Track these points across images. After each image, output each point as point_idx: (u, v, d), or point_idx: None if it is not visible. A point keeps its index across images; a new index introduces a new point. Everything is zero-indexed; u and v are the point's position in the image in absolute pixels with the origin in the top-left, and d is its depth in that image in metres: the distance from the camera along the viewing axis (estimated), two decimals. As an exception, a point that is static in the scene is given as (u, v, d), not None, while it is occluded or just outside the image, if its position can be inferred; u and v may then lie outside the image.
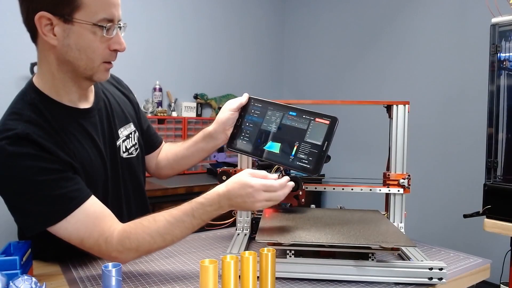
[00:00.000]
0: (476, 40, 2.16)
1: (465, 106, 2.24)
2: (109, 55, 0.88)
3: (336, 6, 3.03)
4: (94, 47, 0.85)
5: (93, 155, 0.94)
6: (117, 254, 0.85)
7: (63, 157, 0.85)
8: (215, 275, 0.64)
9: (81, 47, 0.84)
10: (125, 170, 1.06)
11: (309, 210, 1.13)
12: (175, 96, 2.88)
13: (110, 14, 0.84)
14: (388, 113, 1.14)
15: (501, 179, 1.08)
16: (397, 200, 1.12)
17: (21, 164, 0.80)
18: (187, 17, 2.94)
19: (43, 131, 0.84)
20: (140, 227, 0.85)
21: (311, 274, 0.85)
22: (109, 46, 0.87)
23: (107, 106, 1.04)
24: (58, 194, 0.82)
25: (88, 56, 0.85)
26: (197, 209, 0.85)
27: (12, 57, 2.22)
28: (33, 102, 0.88)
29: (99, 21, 0.83)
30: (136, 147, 1.11)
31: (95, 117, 0.98)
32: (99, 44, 0.85)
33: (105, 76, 0.91)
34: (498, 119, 1.09)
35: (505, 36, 1.08)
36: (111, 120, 1.03)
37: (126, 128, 1.08)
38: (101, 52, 0.86)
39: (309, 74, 3.28)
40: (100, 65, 0.88)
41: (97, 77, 0.90)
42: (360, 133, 2.83)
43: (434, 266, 0.84)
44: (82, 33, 0.83)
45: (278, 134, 0.96)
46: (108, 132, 1.01)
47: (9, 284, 0.67)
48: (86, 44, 0.84)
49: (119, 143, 1.04)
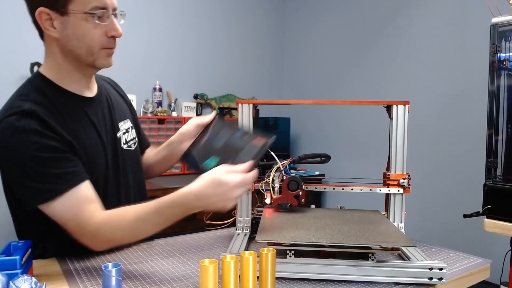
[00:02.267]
0: (476, 40, 2.16)
1: (465, 106, 2.24)
2: (107, 42, 0.92)
3: (336, 6, 3.03)
4: (91, 35, 0.89)
5: (94, 141, 0.97)
6: (91, 243, 0.90)
7: (66, 137, 0.89)
8: (215, 275, 0.64)
9: (79, 36, 0.89)
10: (125, 161, 1.08)
11: (309, 210, 1.13)
12: (175, 96, 2.88)
13: (101, 2, 0.88)
14: (388, 113, 1.14)
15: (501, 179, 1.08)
16: (397, 200, 1.12)
17: (25, 139, 0.84)
18: (187, 17, 2.94)
19: (48, 111, 0.88)
20: (113, 221, 0.88)
21: (311, 274, 0.85)
22: (106, 33, 0.91)
23: (108, 99, 1.07)
24: (54, 173, 0.85)
25: (87, 44, 0.90)
26: (166, 209, 0.85)
27: (12, 57, 2.22)
28: (40, 87, 0.92)
29: (91, 9, 0.87)
30: (135, 141, 1.14)
31: (97, 106, 1.02)
32: (95, 31, 0.89)
33: (107, 61, 0.95)
34: (498, 119, 1.09)
35: (505, 36, 1.08)
36: (111, 112, 1.06)
37: (125, 122, 1.11)
38: (98, 39, 0.91)
39: (309, 74, 3.28)
40: (100, 51, 0.92)
41: (99, 63, 0.94)
42: (360, 133, 2.83)
43: (434, 266, 0.84)
44: (78, 23, 0.88)
45: (219, 151, 0.97)
46: (109, 122, 1.04)
47: (9, 284, 0.67)
48: (83, 32, 0.89)
49: (119, 134, 1.07)
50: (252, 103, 1.13)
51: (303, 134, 3.35)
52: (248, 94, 3.30)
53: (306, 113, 3.29)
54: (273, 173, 1.07)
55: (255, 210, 1.17)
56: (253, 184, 1.11)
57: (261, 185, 1.09)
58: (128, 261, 0.98)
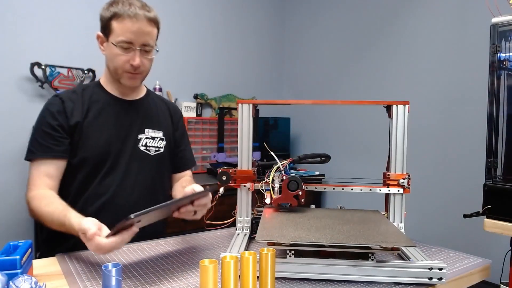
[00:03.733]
0: (476, 40, 2.16)
1: (465, 106, 2.24)
2: (129, 68, 1.19)
3: (336, 6, 3.03)
4: (116, 60, 1.19)
5: (102, 125, 1.22)
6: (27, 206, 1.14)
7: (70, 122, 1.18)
8: (215, 275, 0.64)
9: (110, 58, 1.21)
10: (138, 162, 1.26)
11: (309, 210, 1.13)
12: (175, 96, 2.88)
13: (128, 38, 1.15)
14: (388, 113, 1.14)
15: (501, 179, 1.08)
16: (397, 200, 1.12)
17: (43, 114, 1.20)
18: (187, 17, 2.94)
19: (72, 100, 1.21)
20: (38, 202, 1.09)
21: (311, 274, 0.86)
22: (128, 61, 1.18)
23: (146, 109, 1.32)
24: (40, 142, 1.16)
25: (114, 65, 1.21)
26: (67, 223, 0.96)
27: (12, 57, 2.22)
28: (86, 85, 1.29)
29: (118, 42, 1.15)
30: (157, 149, 1.31)
31: (130, 108, 1.28)
32: (120, 58, 1.18)
33: (129, 82, 1.23)
34: (498, 119, 1.09)
35: (505, 36, 1.07)
36: (143, 118, 1.30)
37: (154, 131, 1.32)
38: (122, 64, 1.19)
39: (309, 74, 3.28)
40: (123, 73, 1.21)
41: (123, 81, 1.23)
42: (360, 133, 2.83)
43: (434, 266, 0.84)
44: (111, 49, 1.18)
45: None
46: (135, 124, 1.27)
47: (9, 284, 0.67)
48: (112, 57, 1.20)
49: (141, 136, 1.28)
50: (252, 103, 1.13)
51: (303, 134, 3.35)
52: (248, 94, 3.29)
53: (306, 113, 3.28)
54: (273, 173, 1.08)
55: (255, 210, 1.17)
56: (253, 184, 1.11)
57: (261, 185, 1.09)
58: (128, 261, 0.98)
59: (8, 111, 2.21)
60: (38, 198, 1.11)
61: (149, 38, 1.18)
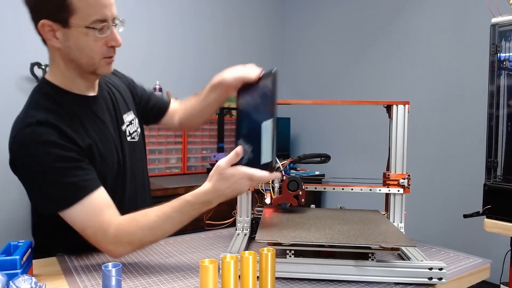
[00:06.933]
0: (476, 40, 2.16)
1: (465, 106, 2.24)
2: (107, 51, 0.95)
3: (336, 6, 3.03)
4: (92, 46, 0.92)
5: (106, 138, 1.02)
6: (112, 247, 0.91)
7: (80, 144, 0.93)
8: (215, 275, 0.64)
9: (80, 47, 0.92)
10: (131, 154, 1.12)
11: (309, 210, 1.13)
12: (175, 96, 2.88)
13: (102, 15, 0.89)
14: (388, 113, 1.14)
15: (501, 179, 1.08)
16: (397, 200, 1.12)
17: (42, 150, 0.88)
18: (187, 17, 2.94)
19: (60, 117, 0.92)
20: (133, 222, 0.90)
21: (311, 274, 0.85)
22: (106, 43, 0.93)
23: (110, 94, 1.11)
24: (70, 181, 0.88)
25: (88, 55, 0.93)
26: (185, 207, 0.89)
27: (12, 57, 2.22)
28: (48, 93, 0.96)
29: (92, 23, 0.89)
30: (138, 132, 1.17)
31: (102, 103, 1.06)
32: (95, 43, 0.92)
33: (108, 69, 0.99)
34: (498, 119, 1.09)
35: (505, 36, 1.07)
36: (115, 106, 1.10)
37: (128, 114, 1.14)
38: (99, 49, 0.93)
39: (309, 73, 3.28)
40: (101, 61, 0.95)
41: (100, 72, 0.98)
42: (360, 133, 2.83)
43: (434, 266, 0.84)
44: (79, 36, 0.90)
45: None
46: (114, 117, 1.08)
47: (9, 284, 0.67)
48: (84, 44, 0.91)
49: (124, 127, 1.11)
50: (252, 103, 1.12)
51: (303, 134, 3.35)
52: (248, 94, 3.30)
53: (306, 113, 3.28)
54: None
55: (255, 210, 1.17)
56: None
57: (261, 185, 1.09)
58: (128, 261, 0.98)
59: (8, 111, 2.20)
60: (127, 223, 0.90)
61: (115, 7, 0.94)
